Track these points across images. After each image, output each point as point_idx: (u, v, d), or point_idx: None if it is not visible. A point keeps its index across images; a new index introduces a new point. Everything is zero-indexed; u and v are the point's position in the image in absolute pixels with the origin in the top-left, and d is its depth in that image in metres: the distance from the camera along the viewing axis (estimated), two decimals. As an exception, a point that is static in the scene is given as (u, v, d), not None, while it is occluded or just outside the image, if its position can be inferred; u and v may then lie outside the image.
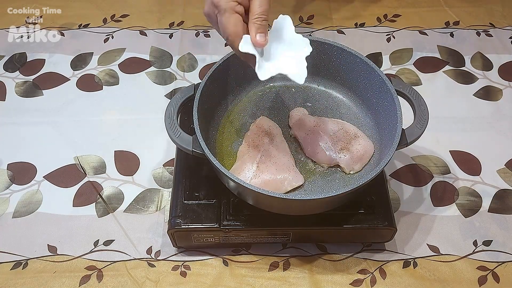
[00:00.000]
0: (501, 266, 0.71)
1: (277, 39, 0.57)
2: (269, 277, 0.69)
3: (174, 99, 0.65)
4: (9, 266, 0.70)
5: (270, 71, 0.55)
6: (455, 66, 0.96)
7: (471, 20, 1.05)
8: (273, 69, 0.56)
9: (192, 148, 0.61)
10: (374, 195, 0.68)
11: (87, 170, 0.80)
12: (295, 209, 0.64)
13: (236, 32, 0.54)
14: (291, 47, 0.57)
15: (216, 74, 0.68)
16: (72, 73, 0.95)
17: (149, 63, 0.96)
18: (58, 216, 0.75)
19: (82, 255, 0.71)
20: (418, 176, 0.80)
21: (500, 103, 0.90)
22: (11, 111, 0.88)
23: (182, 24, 1.03)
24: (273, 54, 0.57)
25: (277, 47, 0.57)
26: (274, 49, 0.57)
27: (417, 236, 0.73)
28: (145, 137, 0.85)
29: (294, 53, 0.57)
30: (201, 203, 0.67)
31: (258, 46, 0.54)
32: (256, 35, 0.54)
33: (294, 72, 0.56)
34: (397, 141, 0.61)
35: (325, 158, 0.67)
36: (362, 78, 0.71)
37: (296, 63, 0.57)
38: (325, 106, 0.74)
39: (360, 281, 0.69)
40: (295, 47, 0.57)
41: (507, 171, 0.81)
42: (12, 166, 0.81)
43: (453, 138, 0.85)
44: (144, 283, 0.68)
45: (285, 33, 0.58)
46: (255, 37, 0.54)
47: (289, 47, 0.57)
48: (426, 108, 0.65)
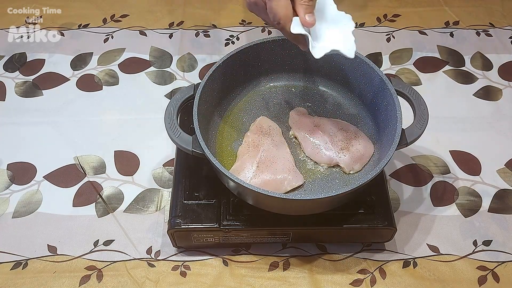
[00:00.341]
0: (501, 266, 0.71)
1: (321, 18, 0.59)
2: (269, 277, 0.69)
3: (174, 99, 0.65)
4: (9, 266, 0.70)
5: (324, 49, 0.57)
6: (455, 66, 0.96)
7: (471, 20, 1.05)
8: (326, 47, 0.57)
9: (192, 148, 0.61)
10: (374, 195, 0.68)
11: (87, 170, 0.80)
12: (295, 209, 0.64)
13: (287, 15, 0.55)
14: (336, 24, 0.59)
15: (216, 74, 0.68)
16: (72, 73, 0.95)
17: (149, 63, 0.96)
18: (58, 216, 0.75)
19: (82, 255, 0.71)
20: (418, 176, 0.80)
21: (500, 103, 0.90)
22: (11, 111, 0.88)
23: (182, 24, 1.03)
24: (320, 33, 0.59)
25: (322, 26, 0.59)
26: (320, 28, 0.59)
27: (417, 236, 0.73)
28: (145, 137, 0.85)
29: (340, 29, 0.59)
30: (201, 203, 0.67)
31: (308, 26, 0.56)
32: (305, 16, 0.55)
33: (345, 47, 0.57)
34: (397, 141, 0.61)
35: (325, 158, 0.67)
36: (362, 78, 0.71)
37: (344, 38, 0.58)
38: (325, 106, 0.74)
39: (360, 281, 0.69)
40: (339, 24, 0.59)
41: (507, 171, 0.81)
42: (12, 166, 0.81)
43: (453, 138, 0.85)
44: (144, 283, 0.69)
45: (328, 11, 0.59)
46: (304, 18, 0.55)
47: (334, 24, 0.59)
48: (426, 108, 0.65)
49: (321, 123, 0.70)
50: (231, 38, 1.01)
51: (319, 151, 0.67)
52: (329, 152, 0.67)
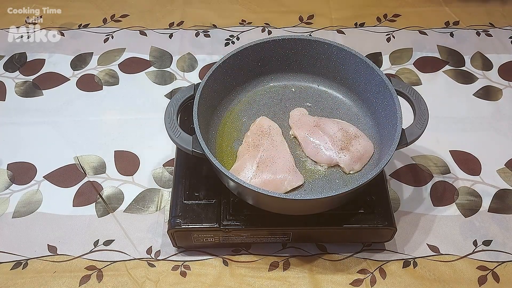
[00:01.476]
0: (501, 266, 0.71)
1: None
2: (269, 277, 0.69)
3: (174, 99, 0.65)
4: (9, 266, 0.70)
5: None
6: (455, 66, 0.96)
7: (471, 20, 1.05)
8: None
9: (192, 148, 0.61)
10: (374, 195, 0.68)
11: (87, 170, 0.80)
12: (295, 209, 0.64)
13: None
14: None
15: (216, 74, 0.68)
16: (72, 73, 0.95)
17: (149, 63, 0.96)
18: (58, 216, 0.75)
19: (82, 255, 0.71)
20: (418, 176, 0.80)
21: (500, 103, 0.90)
22: (11, 111, 0.88)
23: (182, 24, 1.03)
24: None
25: None
26: None
27: (417, 236, 0.73)
28: (145, 137, 0.85)
29: None
30: (201, 203, 0.67)
31: None
32: None
33: None
34: (397, 141, 0.61)
35: (325, 158, 0.67)
36: (362, 78, 0.71)
37: None
38: (325, 106, 0.74)
39: (360, 281, 0.69)
40: None
41: (507, 171, 0.81)
42: (12, 166, 0.81)
43: (453, 138, 0.85)
44: (144, 283, 0.69)
45: None
46: None
47: None
48: (426, 108, 0.65)
49: (321, 123, 0.70)
50: (231, 38, 1.01)
51: (319, 151, 0.67)
52: (329, 152, 0.67)
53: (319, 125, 0.70)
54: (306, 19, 1.05)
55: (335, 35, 1.02)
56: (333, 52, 0.71)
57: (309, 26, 1.03)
